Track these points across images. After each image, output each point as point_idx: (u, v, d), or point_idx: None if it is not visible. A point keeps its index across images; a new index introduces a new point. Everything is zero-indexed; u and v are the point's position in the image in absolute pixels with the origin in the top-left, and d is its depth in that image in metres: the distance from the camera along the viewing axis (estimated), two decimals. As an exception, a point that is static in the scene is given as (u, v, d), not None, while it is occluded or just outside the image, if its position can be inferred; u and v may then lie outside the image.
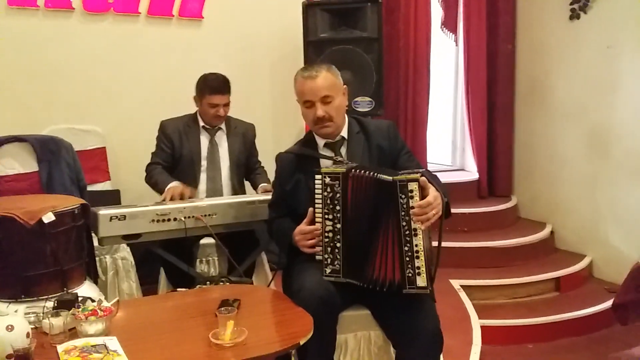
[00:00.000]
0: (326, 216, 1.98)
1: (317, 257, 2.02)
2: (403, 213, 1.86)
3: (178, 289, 2.26)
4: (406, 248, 1.87)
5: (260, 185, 2.98)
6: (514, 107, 4.50)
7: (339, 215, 1.96)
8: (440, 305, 2.04)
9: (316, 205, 2.01)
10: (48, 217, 2.03)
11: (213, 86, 2.91)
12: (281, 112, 4.16)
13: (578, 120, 3.96)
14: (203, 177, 2.98)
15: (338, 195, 1.96)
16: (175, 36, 3.81)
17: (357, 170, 1.96)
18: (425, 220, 1.84)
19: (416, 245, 1.86)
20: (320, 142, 2.23)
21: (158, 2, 3.73)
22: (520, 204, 4.44)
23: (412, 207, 1.84)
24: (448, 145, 4.89)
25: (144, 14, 3.71)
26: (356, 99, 3.55)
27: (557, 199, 4.15)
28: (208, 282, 2.39)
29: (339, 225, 1.97)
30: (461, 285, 3.38)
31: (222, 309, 1.67)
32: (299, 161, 2.23)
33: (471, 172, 4.56)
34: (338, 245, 1.97)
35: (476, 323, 2.97)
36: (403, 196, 1.86)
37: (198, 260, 3.01)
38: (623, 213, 3.68)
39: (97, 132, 3.51)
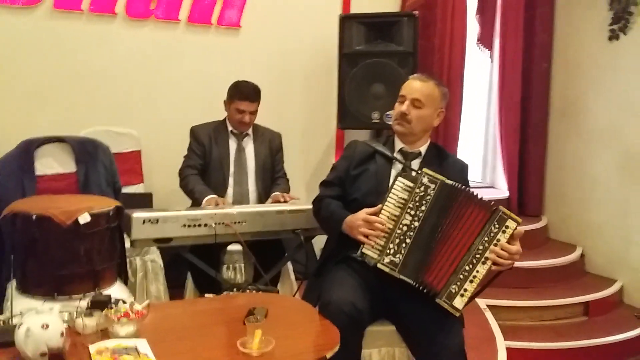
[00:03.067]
0: (409, 210, 1.99)
1: (364, 251, 2.01)
2: (487, 239, 1.90)
3: (205, 295, 2.29)
4: (467, 267, 1.90)
5: (272, 195, 3.00)
6: (548, 126, 4.44)
7: (421, 214, 1.98)
8: (465, 324, 2.04)
9: (388, 204, 2.01)
10: (84, 218, 2.08)
11: (243, 92, 3.00)
12: (312, 123, 4.18)
13: (612, 143, 3.90)
14: (231, 181, 3.04)
15: (429, 197, 1.99)
16: (213, 44, 3.87)
17: (458, 185, 2.00)
18: (501, 262, 1.89)
19: (477, 271, 1.90)
20: (397, 146, 2.27)
21: (198, 10, 3.79)
22: (550, 225, 4.37)
23: (499, 240, 1.88)
24: (479, 162, 4.85)
25: (184, 22, 3.78)
26: (388, 112, 3.56)
27: (588, 221, 4.08)
28: (235, 289, 2.41)
29: (416, 223, 1.99)
30: (487, 305, 3.33)
31: (251, 317, 1.69)
32: (372, 154, 2.26)
33: (501, 190, 4.51)
34: (407, 241, 1.98)
35: (501, 344, 2.93)
36: (497, 226, 1.90)
37: (225, 266, 3.05)
38: (656, 239, 3.61)
39: (133, 135, 3.57)
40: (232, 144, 3.08)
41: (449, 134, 4.21)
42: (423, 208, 1.99)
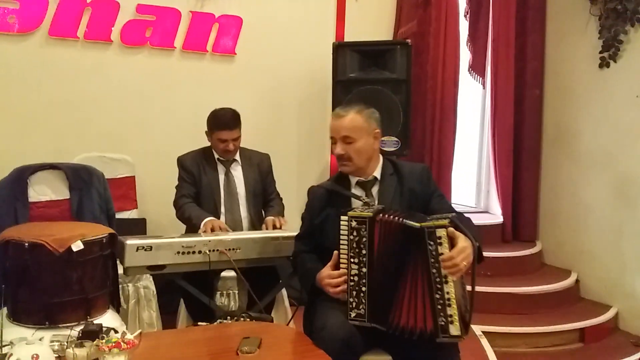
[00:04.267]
0: (352, 259, 1.97)
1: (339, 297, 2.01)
2: (432, 260, 1.85)
3: (199, 323, 2.27)
4: (437, 296, 1.85)
5: (265, 220, 2.96)
6: (541, 152, 4.47)
7: (364, 259, 1.96)
8: (461, 351, 2.02)
9: (341, 248, 2.01)
10: (77, 246, 2.07)
11: (221, 122, 2.96)
12: (306, 149, 4.21)
13: (605, 169, 3.92)
14: (222, 208, 3.02)
15: (364, 239, 1.96)
16: (208, 71, 3.91)
17: (385, 215, 1.96)
18: (455, 272, 1.83)
19: (447, 293, 1.84)
20: (353, 180, 2.26)
21: (193, 38, 3.84)
22: (545, 250, 4.37)
23: (441, 254, 1.83)
24: (473, 187, 4.86)
25: (179, 49, 3.82)
26: (382, 139, 3.57)
27: (582, 247, 4.08)
28: (228, 317, 2.39)
29: (364, 269, 1.96)
30: (483, 331, 3.31)
31: (244, 348, 1.67)
32: (330, 196, 2.25)
33: (495, 215, 4.52)
34: (363, 289, 1.95)
35: (497, 372, 2.92)
36: (432, 243, 1.85)
37: (218, 292, 3.02)
38: (651, 265, 3.61)
39: (127, 161, 3.57)
40: (220, 171, 3.06)
41: (443, 159, 4.24)
42: (364, 252, 1.95)
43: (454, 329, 1.84)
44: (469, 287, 1.94)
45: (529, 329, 3.42)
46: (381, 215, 1.97)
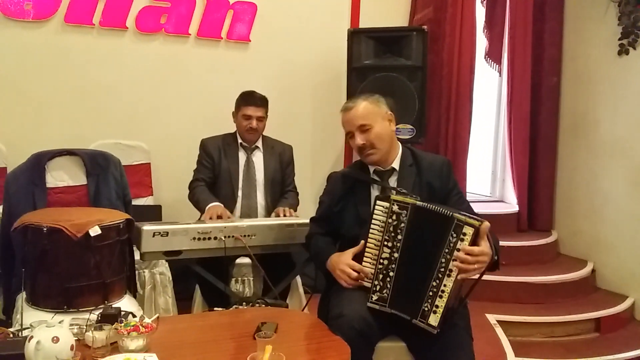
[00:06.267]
0: (385, 243, 1.97)
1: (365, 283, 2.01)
2: (447, 250, 1.84)
3: (214, 309, 2.28)
4: (434, 283, 1.85)
5: (276, 209, 2.97)
6: (557, 140, 4.42)
7: (399, 244, 1.95)
8: (475, 340, 2.02)
9: (373, 230, 1.99)
10: (95, 231, 2.08)
11: (248, 98, 3.04)
12: (320, 136, 4.20)
13: (622, 157, 3.87)
14: (239, 194, 3.04)
15: (402, 225, 1.94)
16: (223, 58, 3.90)
17: (424, 203, 1.95)
18: (464, 270, 1.82)
19: (444, 285, 1.84)
20: (371, 169, 2.24)
21: (207, 25, 3.83)
22: (560, 240, 4.34)
23: (458, 250, 1.82)
24: (488, 176, 4.83)
25: (194, 36, 3.82)
26: (397, 126, 3.54)
27: (599, 236, 4.04)
28: (244, 303, 2.40)
29: (396, 255, 1.95)
30: (497, 321, 3.30)
31: (261, 332, 1.68)
32: (351, 183, 2.24)
33: (511, 205, 4.49)
34: (391, 274, 1.95)
35: (512, 361, 2.90)
36: (454, 235, 1.84)
37: (233, 279, 3.04)
38: (669, 255, 3.57)
39: (143, 148, 3.59)
40: (242, 157, 3.09)
41: (458, 147, 4.20)
42: (399, 237, 1.94)
43: (433, 319, 1.84)
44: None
45: (544, 318, 3.40)
46: (423, 204, 1.94)
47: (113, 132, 3.58)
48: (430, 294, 1.85)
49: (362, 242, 2.02)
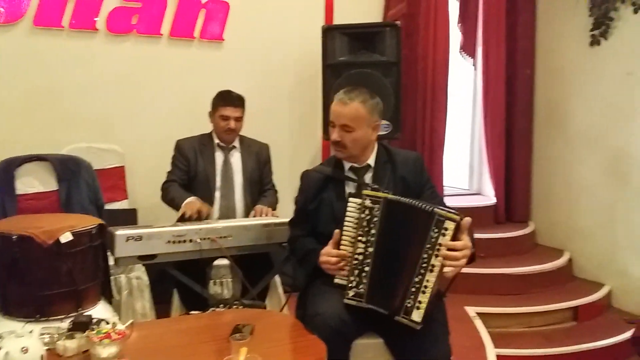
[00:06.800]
0: (359, 238, 1.96)
1: (336, 281, 2.01)
2: (428, 246, 1.85)
3: (191, 312, 2.26)
4: (416, 279, 1.86)
5: (254, 208, 2.95)
6: (533, 132, 4.47)
7: (372, 239, 1.95)
8: (455, 333, 2.03)
9: (347, 227, 2.00)
10: (66, 237, 2.06)
11: (226, 98, 3.00)
12: (298, 134, 4.18)
13: (597, 147, 3.92)
14: (217, 195, 3.01)
15: (375, 219, 1.95)
16: (196, 58, 3.86)
17: (400, 198, 1.95)
18: (453, 265, 1.83)
19: (427, 281, 1.84)
20: (347, 165, 2.24)
21: (180, 24, 3.78)
22: (537, 231, 4.39)
23: (440, 245, 1.83)
24: (465, 169, 4.86)
25: (166, 36, 3.77)
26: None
27: (575, 226, 4.09)
28: (221, 305, 2.39)
29: (370, 249, 1.95)
30: (477, 313, 3.33)
31: (236, 335, 1.67)
32: (325, 181, 2.24)
33: (488, 197, 4.53)
34: (366, 269, 1.95)
35: (491, 352, 2.92)
36: (436, 230, 1.84)
37: (212, 281, 3.01)
38: (643, 242, 3.62)
39: (117, 151, 3.54)
40: (219, 157, 3.05)
41: (435, 142, 4.22)
42: (373, 232, 1.95)
43: (417, 315, 1.85)
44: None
45: (522, 309, 3.44)
46: (396, 197, 1.95)
47: (85, 136, 3.52)
48: (413, 289, 1.85)
49: (337, 230, 2.02)
